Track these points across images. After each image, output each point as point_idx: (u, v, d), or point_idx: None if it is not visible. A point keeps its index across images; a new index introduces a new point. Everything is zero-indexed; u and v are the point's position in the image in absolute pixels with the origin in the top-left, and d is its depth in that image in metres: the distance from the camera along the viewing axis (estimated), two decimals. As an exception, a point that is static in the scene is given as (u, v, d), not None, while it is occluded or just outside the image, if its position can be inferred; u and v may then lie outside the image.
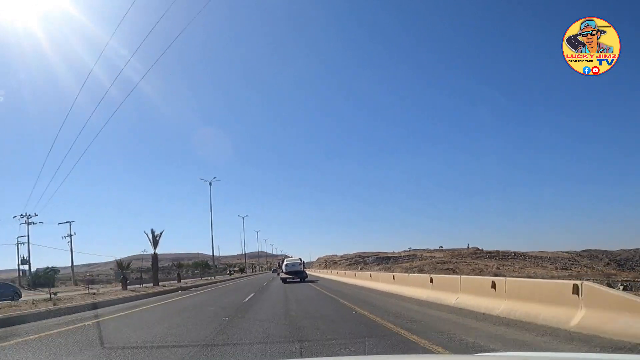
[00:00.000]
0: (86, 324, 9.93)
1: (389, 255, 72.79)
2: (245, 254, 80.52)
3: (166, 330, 8.33)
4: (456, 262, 49.69)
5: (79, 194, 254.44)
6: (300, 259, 33.16)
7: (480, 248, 68.41)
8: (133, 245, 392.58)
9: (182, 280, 43.24)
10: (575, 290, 6.17)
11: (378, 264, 61.27)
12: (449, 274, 29.29)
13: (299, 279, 29.81)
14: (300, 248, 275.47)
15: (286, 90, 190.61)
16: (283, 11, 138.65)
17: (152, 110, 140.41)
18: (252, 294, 18.15)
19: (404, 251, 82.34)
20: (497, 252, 57.82)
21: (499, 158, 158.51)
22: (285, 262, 32.99)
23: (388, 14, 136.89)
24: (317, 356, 5.63)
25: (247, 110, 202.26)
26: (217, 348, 6.24)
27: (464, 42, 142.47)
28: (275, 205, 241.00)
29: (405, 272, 34.20)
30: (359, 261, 72.73)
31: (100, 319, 10.66)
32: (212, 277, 53.60)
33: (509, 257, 54.15)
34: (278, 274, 53.36)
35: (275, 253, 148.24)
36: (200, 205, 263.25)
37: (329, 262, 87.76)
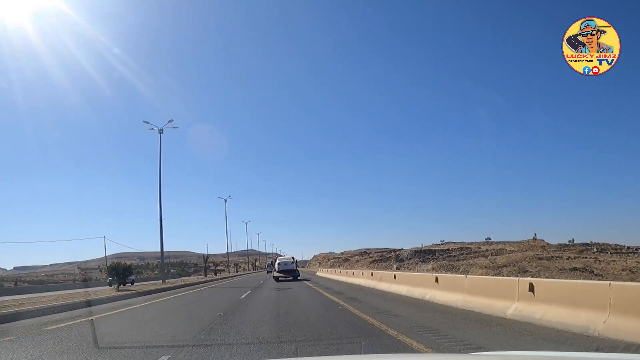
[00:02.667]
0: None
1: (432, 249, 55.16)
2: (190, 253, 73.05)
3: None
4: (568, 258, 30.03)
5: (70, 191, 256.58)
6: (293, 258, 33.02)
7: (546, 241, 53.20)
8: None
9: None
10: None
11: (423, 261, 42.26)
12: (592, 279, 18.39)
13: (291, 277, 30.13)
14: (292, 246, 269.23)
15: (280, 90, 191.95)
16: (274, 11, 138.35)
17: (142, 107, 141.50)
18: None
19: (435, 244, 65.95)
20: (598, 244, 44.29)
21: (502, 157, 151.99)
22: (277, 261, 32.61)
23: (380, 14, 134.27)
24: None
25: (239, 109, 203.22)
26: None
27: (461, 42, 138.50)
28: (269, 204, 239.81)
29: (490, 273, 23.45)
30: (386, 257, 55.53)
31: None
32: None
33: (621, 251, 39.90)
34: (267, 272, 51.51)
35: (266, 251, 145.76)
36: (194, 203, 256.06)
37: (340, 260, 73.01)
